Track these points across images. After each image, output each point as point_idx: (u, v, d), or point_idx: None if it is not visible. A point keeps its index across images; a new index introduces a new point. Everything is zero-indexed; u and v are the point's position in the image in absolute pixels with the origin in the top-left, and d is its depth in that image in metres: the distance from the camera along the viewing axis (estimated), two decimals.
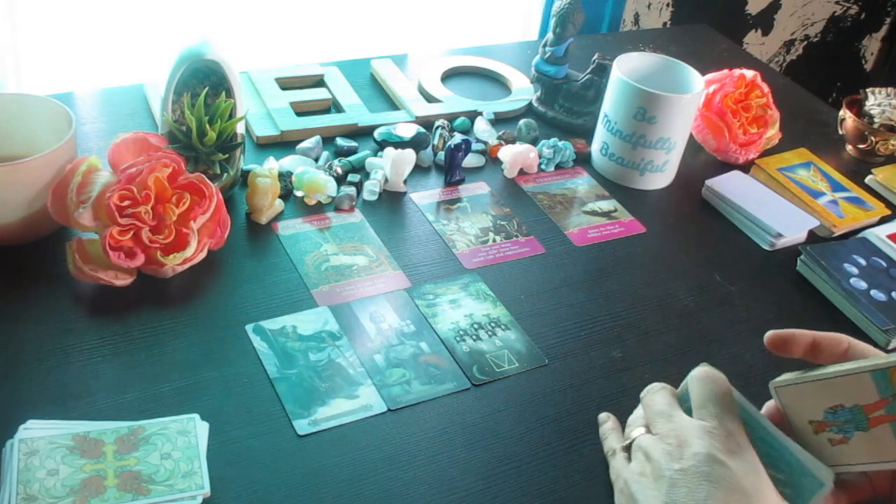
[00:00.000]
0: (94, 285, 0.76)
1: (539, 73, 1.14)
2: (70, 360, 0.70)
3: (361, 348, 0.76)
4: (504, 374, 0.76)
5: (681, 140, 1.01)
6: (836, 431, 0.61)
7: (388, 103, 1.11)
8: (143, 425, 0.64)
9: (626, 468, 0.63)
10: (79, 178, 0.76)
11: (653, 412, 0.64)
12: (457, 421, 0.71)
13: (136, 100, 1.03)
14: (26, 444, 0.61)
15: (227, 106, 0.86)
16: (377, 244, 0.88)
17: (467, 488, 0.66)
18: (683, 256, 0.94)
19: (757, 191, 1.03)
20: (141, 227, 0.75)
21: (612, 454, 0.67)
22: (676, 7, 1.72)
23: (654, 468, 0.59)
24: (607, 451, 0.68)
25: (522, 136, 1.07)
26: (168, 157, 0.78)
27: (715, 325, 0.85)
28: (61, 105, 0.82)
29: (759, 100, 1.09)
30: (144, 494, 0.60)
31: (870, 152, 1.15)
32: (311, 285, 0.81)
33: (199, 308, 0.77)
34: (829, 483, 0.59)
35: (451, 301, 0.82)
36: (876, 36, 2.09)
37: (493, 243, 0.91)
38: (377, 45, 1.36)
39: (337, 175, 0.94)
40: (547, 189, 1.01)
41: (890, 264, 0.93)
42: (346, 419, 0.69)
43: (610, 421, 0.71)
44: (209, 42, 0.88)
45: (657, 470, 0.59)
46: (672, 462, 0.58)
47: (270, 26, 1.32)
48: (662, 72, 1.04)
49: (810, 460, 0.60)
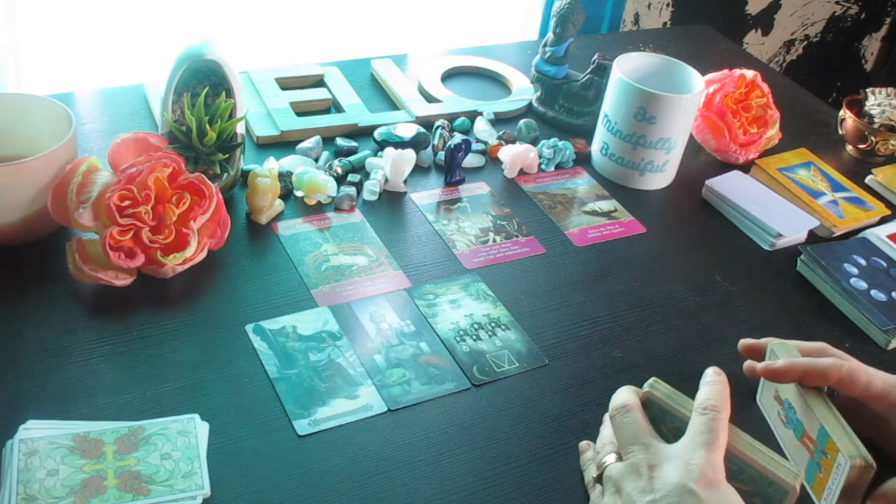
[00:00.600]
0: (94, 285, 0.76)
1: (539, 73, 1.14)
2: (70, 360, 0.70)
3: (361, 348, 0.76)
4: (504, 374, 0.76)
5: (681, 140, 1.01)
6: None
7: (388, 103, 1.11)
8: (143, 425, 0.64)
9: (600, 502, 0.61)
10: (79, 178, 0.76)
11: (625, 438, 0.61)
12: (457, 421, 0.71)
13: (136, 100, 1.03)
14: (26, 444, 0.61)
15: (227, 106, 0.86)
16: (377, 244, 0.88)
17: (467, 488, 0.66)
18: (683, 256, 0.94)
19: (757, 191, 1.03)
20: (141, 227, 0.75)
21: (592, 486, 0.64)
22: (676, 7, 1.72)
23: (624, 502, 0.58)
24: (587, 483, 0.66)
25: (522, 136, 1.07)
26: (168, 157, 0.78)
27: (715, 325, 0.85)
28: (61, 105, 0.82)
29: (759, 100, 1.09)
30: (144, 495, 0.60)
31: (870, 152, 1.15)
32: (311, 285, 0.81)
33: (199, 308, 0.77)
34: (794, 488, 0.59)
35: (451, 301, 0.82)
36: (876, 36, 2.09)
37: (494, 243, 0.91)
38: (377, 45, 1.36)
39: (337, 175, 0.94)
40: (547, 189, 1.01)
41: (890, 264, 0.93)
42: (346, 419, 0.69)
43: (590, 450, 0.68)
44: (209, 42, 0.88)
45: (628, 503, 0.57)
46: (643, 495, 0.56)
47: (270, 26, 1.32)
48: (662, 72, 1.04)
49: (773, 470, 0.59)
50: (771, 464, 0.59)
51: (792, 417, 0.69)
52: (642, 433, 0.61)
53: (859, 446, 0.62)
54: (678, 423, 0.62)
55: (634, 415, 0.62)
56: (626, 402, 0.63)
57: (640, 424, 0.61)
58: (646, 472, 0.58)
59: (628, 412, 0.62)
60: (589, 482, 0.65)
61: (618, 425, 0.62)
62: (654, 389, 0.64)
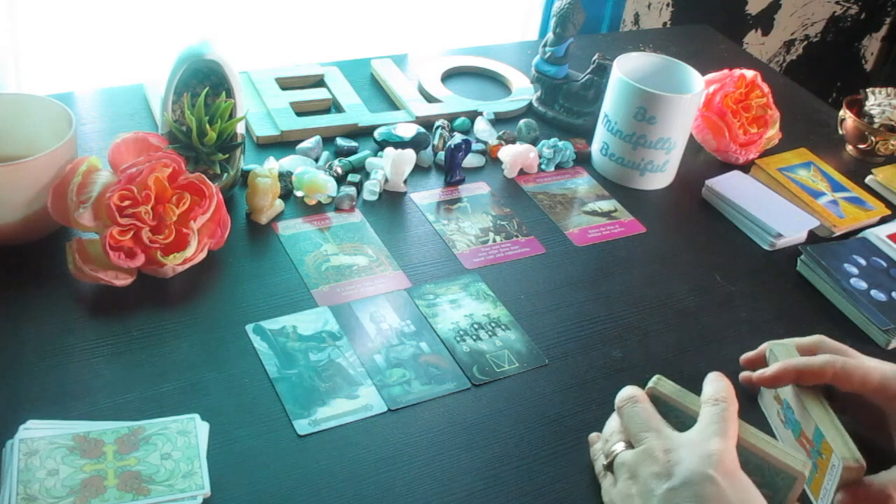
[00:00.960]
0: (94, 285, 0.76)
1: (539, 73, 1.14)
2: (70, 360, 0.70)
3: (361, 348, 0.76)
4: (504, 374, 0.76)
5: (681, 140, 1.01)
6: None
7: (388, 103, 1.11)
8: (143, 425, 0.64)
9: (612, 490, 0.61)
10: (79, 178, 0.76)
11: (636, 425, 0.61)
12: (457, 421, 0.71)
13: (136, 100, 1.03)
14: (26, 444, 0.61)
15: (227, 106, 0.86)
16: (377, 244, 0.88)
17: (467, 488, 0.66)
18: (683, 256, 0.94)
19: (757, 191, 1.03)
20: (141, 227, 0.75)
21: (603, 475, 0.64)
22: (676, 7, 1.72)
23: (640, 488, 0.57)
24: (598, 473, 0.66)
25: (522, 136, 1.07)
26: (168, 157, 0.78)
27: (715, 325, 0.85)
28: (61, 105, 0.82)
29: (759, 100, 1.09)
30: (144, 494, 0.60)
31: (870, 152, 1.15)
32: (311, 285, 0.81)
33: (199, 308, 0.77)
34: (802, 474, 0.59)
35: (451, 301, 0.82)
36: (876, 36, 2.09)
37: (494, 243, 0.91)
38: (377, 45, 1.36)
39: (337, 175, 0.94)
40: (547, 189, 1.01)
41: (890, 264, 0.93)
42: (346, 419, 0.69)
43: (599, 442, 0.68)
44: (209, 42, 0.88)
45: (645, 490, 0.57)
46: (661, 481, 0.56)
47: (270, 26, 1.32)
48: (662, 72, 1.04)
49: (780, 459, 0.60)
50: (779, 453, 0.60)
51: (790, 417, 0.70)
52: (654, 420, 0.61)
53: (852, 448, 0.62)
54: (684, 419, 0.62)
55: (643, 404, 0.62)
56: (634, 393, 0.64)
57: (649, 413, 0.62)
58: (661, 457, 0.57)
59: (637, 402, 0.63)
60: (599, 472, 0.66)
61: (627, 414, 0.62)
62: (659, 386, 0.64)
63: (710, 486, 0.54)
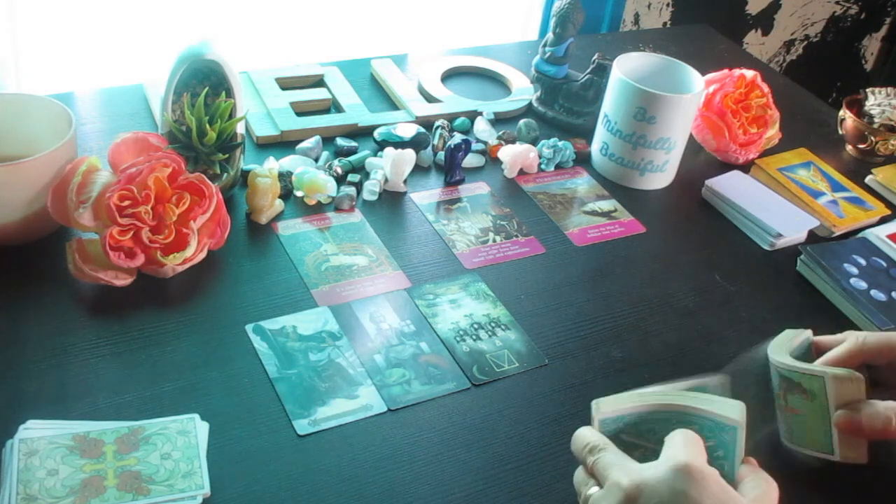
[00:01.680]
0: (94, 285, 0.76)
1: (539, 73, 1.14)
2: (70, 360, 0.70)
3: (361, 348, 0.76)
4: (504, 374, 0.76)
5: (681, 140, 1.01)
6: None
7: (388, 103, 1.11)
8: (143, 425, 0.64)
9: None
10: (79, 178, 0.76)
11: (603, 466, 0.57)
12: (457, 421, 0.71)
13: (136, 100, 1.03)
14: (26, 444, 0.61)
15: (227, 106, 0.86)
16: (377, 244, 0.88)
17: (467, 488, 0.66)
18: (683, 256, 0.94)
19: (757, 191, 1.03)
20: (141, 227, 0.75)
21: None
22: (676, 7, 1.72)
23: None
24: None
25: (522, 136, 1.07)
26: (168, 157, 0.78)
27: (715, 325, 0.85)
28: (61, 105, 0.82)
29: (759, 100, 1.09)
30: (144, 494, 0.60)
31: (870, 152, 1.15)
32: (311, 285, 0.81)
33: (199, 308, 0.77)
34: (740, 423, 0.57)
35: (451, 301, 0.82)
36: (876, 36, 2.09)
37: (493, 243, 0.91)
38: (377, 45, 1.36)
39: (337, 175, 0.94)
40: (547, 189, 1.01)
41: (890, 264, 0.93)
42: (346, 419, 0.69)
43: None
44: (209, 42, 0.88)
45: None
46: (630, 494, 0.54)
47: (270, 26, 1.32)
48: (662, 72, 1.04)
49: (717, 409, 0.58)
50: (716, 406, 0.58)
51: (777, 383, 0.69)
52: (621, 458, 0.57)
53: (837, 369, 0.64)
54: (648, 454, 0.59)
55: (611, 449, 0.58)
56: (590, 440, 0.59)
57: (616, 452, 0.58)
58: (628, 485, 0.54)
59: (601, 451, 0.58)
60: None
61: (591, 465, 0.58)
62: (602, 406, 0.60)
63: (685, 500, 0.52)
